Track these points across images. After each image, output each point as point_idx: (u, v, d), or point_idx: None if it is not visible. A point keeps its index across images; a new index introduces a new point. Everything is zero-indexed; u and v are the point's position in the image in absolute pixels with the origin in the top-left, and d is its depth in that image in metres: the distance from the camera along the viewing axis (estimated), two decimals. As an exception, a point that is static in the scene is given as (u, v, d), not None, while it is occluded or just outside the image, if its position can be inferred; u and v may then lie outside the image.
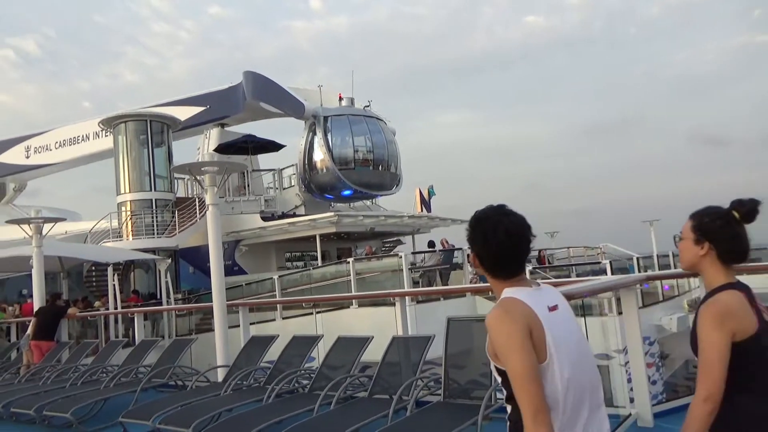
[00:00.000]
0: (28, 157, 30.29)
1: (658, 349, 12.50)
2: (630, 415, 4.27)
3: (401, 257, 13.15)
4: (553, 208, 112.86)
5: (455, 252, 15.05)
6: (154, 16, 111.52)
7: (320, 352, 6.72)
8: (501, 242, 1.76)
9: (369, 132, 23.23)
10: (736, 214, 1.94)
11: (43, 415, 6.31)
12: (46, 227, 11.12)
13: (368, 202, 26.57)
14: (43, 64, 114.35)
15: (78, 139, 28.06)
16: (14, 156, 30.78)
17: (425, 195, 24.53)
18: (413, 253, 17.52)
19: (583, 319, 6.46)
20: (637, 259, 17.35)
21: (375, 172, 23.32)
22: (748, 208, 1.93)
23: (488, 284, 1.98)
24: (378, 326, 9.33)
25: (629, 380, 4.49)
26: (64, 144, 28.75)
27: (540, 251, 21.48)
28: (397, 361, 5.55)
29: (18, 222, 11.03)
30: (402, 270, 12.82)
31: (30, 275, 12.23)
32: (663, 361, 12.89)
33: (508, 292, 1.77)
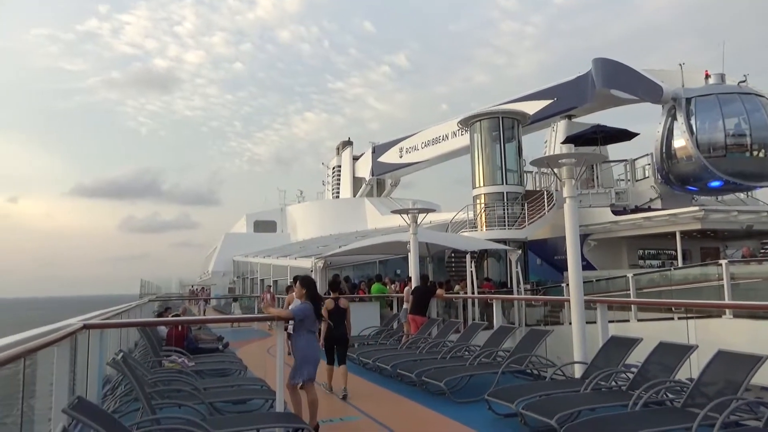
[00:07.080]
0: (401, 157, 35.80)
1: None
2: None
3: (794, 262, 10.73)
4: None
5: None
6: (502, 15, 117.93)
7: (691, 364, 6.02)
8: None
9: (745, 111, 19.58)
10: None
11: (421, 380, 7.33)
12: (419, 217, 12.86)
13: (742, 195, 22.62)
14: (410, 76, 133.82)
15: (439, 139, 31.71)
16: (391, 156, 36.85)
17: (827, 186, 19.50)
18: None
19: None
20: None
21: (753, 160, 19.57)
22: None
23: None
24: (761, 343, 7.88)
25: None
26: (428, 144, 32.88)
27: None
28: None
29: (399, 212, 13.06)
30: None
31: (403, 257, 14.29)
32: None
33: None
